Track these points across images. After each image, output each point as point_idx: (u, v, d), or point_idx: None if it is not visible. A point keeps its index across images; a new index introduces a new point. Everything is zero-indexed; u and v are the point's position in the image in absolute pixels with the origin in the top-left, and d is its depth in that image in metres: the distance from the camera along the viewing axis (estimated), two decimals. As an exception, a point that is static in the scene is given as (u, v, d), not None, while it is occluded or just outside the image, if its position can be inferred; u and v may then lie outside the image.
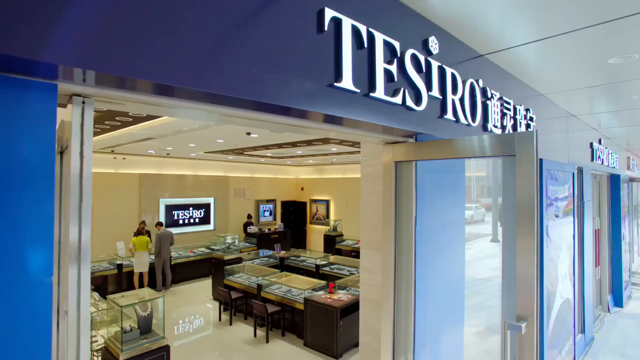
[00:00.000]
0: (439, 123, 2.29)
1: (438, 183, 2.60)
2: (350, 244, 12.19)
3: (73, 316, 1.17)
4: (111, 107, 1.30)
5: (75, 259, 1.16)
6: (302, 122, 1.68)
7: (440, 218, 2.62)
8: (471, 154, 2.03)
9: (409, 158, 2.35)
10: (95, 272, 8.32)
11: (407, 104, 1.95)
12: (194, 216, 11.95)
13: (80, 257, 1.17)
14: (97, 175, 9.65)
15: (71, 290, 1.16)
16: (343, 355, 5.82)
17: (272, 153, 9.63)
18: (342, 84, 1.59)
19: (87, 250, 1.18)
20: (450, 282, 2.76)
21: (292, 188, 15.69)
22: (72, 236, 1.15)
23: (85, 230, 1.17)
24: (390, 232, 2.45)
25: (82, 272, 1.17)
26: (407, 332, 2.48)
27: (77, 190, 1.16)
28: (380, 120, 1.84)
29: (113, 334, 4.11)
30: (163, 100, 1.31)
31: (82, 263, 1.17)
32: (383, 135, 2.19)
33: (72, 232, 1.15)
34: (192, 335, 6.89)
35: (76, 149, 1.15)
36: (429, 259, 2.50)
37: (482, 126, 2.70)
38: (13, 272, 0.97)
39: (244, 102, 1.36)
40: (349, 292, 6.50)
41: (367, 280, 2.86)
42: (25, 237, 0.98)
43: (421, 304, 2.43)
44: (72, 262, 1.15)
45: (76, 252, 1.16)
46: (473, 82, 2.53)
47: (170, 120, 4.73)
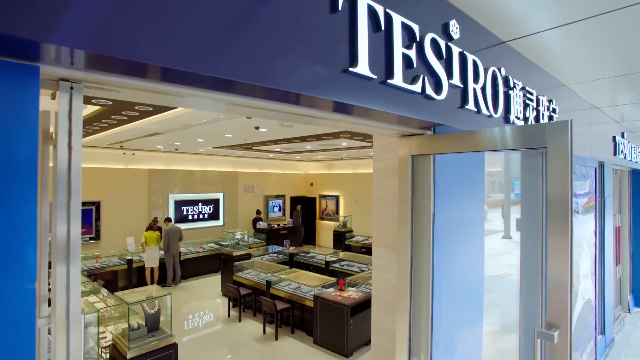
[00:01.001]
0: (460, 114, 2.13)
1: (457, 178, 2.45)
2: (360, 240, 12.05)
3: (62, 321, 1.06)
4: (103, 94, 1.18)
5: (64, 259, 1.05)
6: (314, 112, 1.54)
7: (458, 215, 2.47)
8: (496, 147, 1.87)
9: (427, 151, 2.20)
10: (105, 267, 8.34)
11: (427, 92, 1.80)
12: (203, 212, 11.93)
13: (69, 258, 1.05)
14: (107, 170, 9.67)
15: (59, 293, 1.05)
16: (353, 354, 5.72)
17: (281, 148, 9.51)
18: (358, 70, 1.45)
19: (76, 250, 1.06)
20: (468, 283, 2.62)
21: (301, 183, 15.59)
22: (60, 235, 1.04)
23: (74, 228, 1.06)
24: (406, 230, 2.31)
25: (72, 273, 1.06)
26: (424, 334, 2.36)
27: (65, 185, 1.04)
28: (398, 109, 1.69)
29: (121, 331, 4.05)
30: (163, 87, 1.19)
31: (71, 264, 1.06)
32: (399, 126, 2.04)
33: (59, 230, 1.04)
34: (201, 331, 6.86)
35: (63, 140, 1.04)
36: (447, 258, 2.37)
37: (504, 118, 2.53)
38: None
39: (251, 88, 1.23)
40: (359, 290, 6.38)
41: (379, 278, 2.75)
42: (2, 240, 0.87)
43: (439, 304, 2.31)
44: (60, 263, 1.04)
45: (64, 253, 1.05)
46: (495, 70, 2.36)
47: (178, 114, 4.64)
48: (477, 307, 2.74)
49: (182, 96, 1.28)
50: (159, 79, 1.14)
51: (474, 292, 2.69)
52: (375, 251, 2.76)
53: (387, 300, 2.70)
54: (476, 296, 2.72)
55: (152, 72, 1.09)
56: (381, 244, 2.74)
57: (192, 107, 1.51)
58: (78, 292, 1.09)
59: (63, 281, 1.06)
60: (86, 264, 8.29)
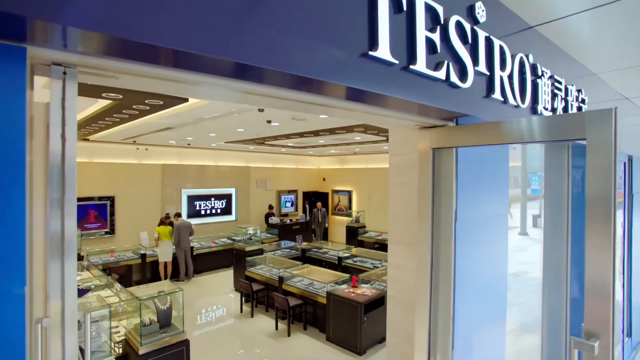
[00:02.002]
0: (485, 104, 1.98)
1: (479, 173, 2.31)
2: (373, 236, 11.91)
3: (56, 323, 0.97)
4: (100, 81, 1.08)
5: (58, 258, 0.96)
6: (329, 101, 1.43)
7: (481, 212, 2.33)
8: (527, 139, 1.72)
9: (449, 144, 2.07)
10: (120, 261, 8.42)
11: (452, 80, 1.66)
12: (216, 207, 11.95)
13: (64, 258, 0.97)
14: (121, 165, 9.73)
15: (53, 294, 0.96)
16: (367, 352, 5.62)
17: (294, 143, 9.41)
18: (378, 54, 1.32)
19: (71, 249, 0.98)
20: (491, 283, 2.49)
21: (313, 178, 15.49)
22: (53, 233, 0.95)
23: (68, 225, 0.97)
24: (426, 227, 2.19)
25: (66, 272, 0.97)
26: (444, 336, 2.24)
27: (58, 180, 0.95)
28: (421, 98, 1.56)
29: (133, 327, 4.03)
30: (169, 73, 1.09)
31: (65, 263, 0.97)
32: (419, 117, 1.91)
33: (53, 227, 0.95)
34: (213, 326, 6.86)
35: (56, 131, 0.95)
36: (470, 256, 2.25)
37: (531, 108, 2.37)
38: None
39: (264, 74, 1.12)
40: (373, 287, 6.27)
41: (395, 277, 2.65)
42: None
43: (460, 304, 2.19)
44: (54, 263, 0.96)
45: (59, 252, 0.96)
46: (523, 57, 2.19)
47: (190, 108, 4.57)
48: (499, 308, 2.61)
49: (189, 84, 1.18)
50: (164, 63, 1.04)
51: (496, 292, 2.56)
52: (391, 249, 2.67)
53: (403, 299, 2.61)
54: (499, 296, 2.58)
55: (156, 55, 0.98)
56: (397, 241, 2.64)
57: (201, 97, 1.41)
58: (74, 292, 1.01)
59: (57, 282, 0.97)
60: (101, 257, 8.38)
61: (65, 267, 0.97)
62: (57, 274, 0.97)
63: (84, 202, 9.03)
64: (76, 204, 0.99)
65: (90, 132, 6.74)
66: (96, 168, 9.33)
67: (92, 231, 9.18)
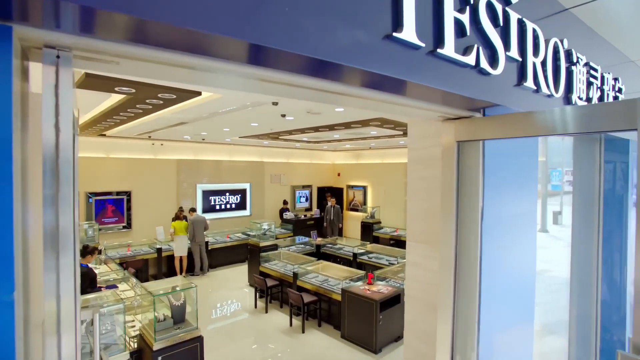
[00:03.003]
0: (515, 92, 1.83)
1: (507, 168, 2.16)
2: (388, 232, 11.73)
3: (51, 325, 0.90)
4: (98, 67, 0.99)
5: (52, 256, 0.88)
6: (348, 89, 1.31)
7: (509, 209, 2.19)
8: (565, 130, 1.57)
9: (476, 137, 1.92)
10: (136, 255, 8.51)
11: (481, 65, 1.52)
12: (230, 202, 11.98)
13: (59, 262, 0.89)
14: (137, 161, 9.82)
15: (48, 295, 0.88)
16: (382, 350, 5.52)
17: (308, 137, 9.30)
18: (403, 35, 1.20)
19: (67, 249, 0.90)
20: (518, 283, 2.35)
21: (328, 173, 15.37)
22: (48, 232, 0.87)
23: (64, 220, 0.89)
24: (450, 225, 2.06)
25: (61, 272, 0.89)
26: (469, 338, 2.13)
27: (52, 174, 0.87)
28: (448, 85, 1.42)
29: (147, 322, 4.02)
30: (175, 58, 0.99)
31: (61, 262, 0.89)
32: (444, 107, 1.77)
33: (47, 226, 0.87)
34: (227, 321, 6.86)
35: (49, 121, 0.86)
36: (496, 256, 2.12)
37: (565, 98, 2.19)
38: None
39: (279, 57, 1.01)
40: (388, 284, 6.14)
41: (413, 276, 2.55)
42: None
43: (486, 307, 2.06)
44: (49, 261, 0.88)
45: (54, 252, 0.88)
46: (557, 42, 2.02)
47: (203, 102, 4.51)
48: (527, 310, 2.46)
49: (199, 70, 1.08)
50: (171, 45, 0.94)
51: (524, 293, 2.42)
52: (410, 246, 2.57)
53: (422, 299, 2.50)
54: (526, 298, 2.44)
55: (162, 36, 0.88)
56: (416, 239, 2.54)
57: (211, 85, 1.30)
58: (71, 290, 0.93)
59: (53, 282, 0.89)
60: (118, 252, 8.48)
61: (60, 266, 0.89)
62: (52, 273, 0.89)
63: (101, 197, 9.16)
64: (72, 199, 0.90)
65: (106, 127, 6.78)
66: (113, 163, 9.43)
67: (110, 225, 9.31)
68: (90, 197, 9.01)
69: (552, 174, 15.12)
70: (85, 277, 4.90)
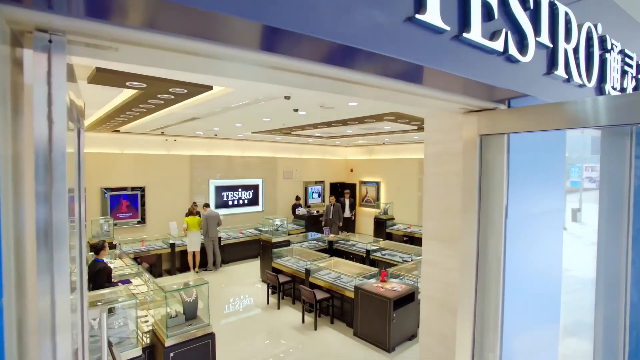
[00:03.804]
0: (545, 82, 1.70)
1: (533, 163, 2.04)
2: (401, 229, 11.58)
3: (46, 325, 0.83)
4: (95, 53, 0.92)
5: (46, 253, 0.81)
6: (364, 77, 1.21)
7: (534, 207, 2.06)
8: (597, 122, 1.44)
9: (500, 130, 1.80)
10: (150, 250, 8.58)
11: (510, 52, 1.40)
12: (243, 197, 12.00)
13: (53, 266, 0.82)
14: (151, 156, 9.90)
15: (42, 296, 0.82)
16: (396, 349, 5.43)
17: (321, 133, 9.20)
18: (426, 18, 1.09)
19: (61, 242, 0.83)
20: (544, 286, 2.23)
21: (341, 169, 15.26)
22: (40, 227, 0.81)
23: (57, 219, 0.82)
24: (472, 223, 1.96)
25: (55, 270, 0.83)
26: (491, 342, 2.03)
27: (44, 170, 0.80)
28: (473, 73, 1.31)
29: (160, 318, 4.02)
30: (180, 43, 0.91)
31: (55, 259, 0.82)
32: (466, 98, 1.65)
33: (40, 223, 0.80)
34: (240, 317, 6.86)
35: (41, 111, 0.79)
36: (520, 256, 2.01)
37: (597, 88, 2.04)
38: None
39: (288, 39, 0.92)
40: (402, 282, 6.03)
41: (429, 275, 2.47)
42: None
43: (509, 309, 1.96)
44: (42, 259, 0.81)
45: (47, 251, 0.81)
46: (590, 27, 1.88)
47: (215, 97, 4.46)
48: (552, 312, 2.35)
49: (207, 57, 0.99)
50: (176, 28, 0.86)
51: (549, 295, 2.30)
52: (426, 244, 2.48)
53: (438, 299, 2.41)
54: (552, 299, 2.32)
55: (167, 17, 0.80)
56: (432, 237, 2.45)
57: (219, 74, 1.21)
58: (66, 289, 0.86)
59: (47, 281, 0.83)
60: (133, 246, 8.57)
61: (55, 263, 0.83)
62: (46, 274, 0.82)
63: (116, 192, 9.26)
64: (67, 196, 0.83)
65: (119, 123, 6.81)
66: (127, 159, 9.52)
67: (125, 220, 9.41)
68: (105, 192, 9.12)
69: (571, 170, 14.70)
70: (103, 272, 4.90)
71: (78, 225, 1.58)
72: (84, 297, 1.62)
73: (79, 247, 1.57)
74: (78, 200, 1.55)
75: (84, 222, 1.65)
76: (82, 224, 1.63)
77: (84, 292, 1.63)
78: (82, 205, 1.61)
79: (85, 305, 1.61)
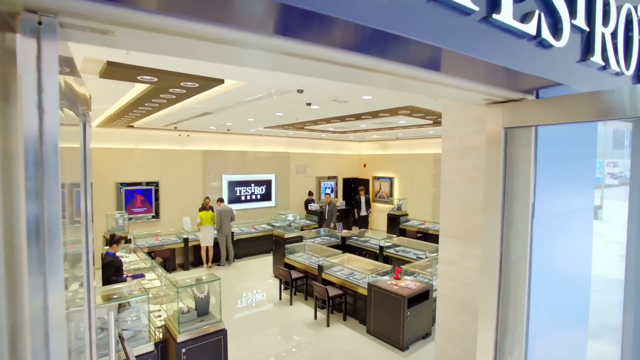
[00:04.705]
0: (579, 70, 1.56)
1: (561, 158, 1.90)
2: (415, 225, 11.41)
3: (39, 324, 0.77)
4: (90, 39, 0.84)
5: (37, 252, 0.75)
6: (380, 63, 1.10)
7: (564, 205, 1.93)
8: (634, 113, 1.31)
9: (528, 122, 1.68)
10: (164, 245, 8.65)
11: (543, 36, 1.28)
12: (256, 192, 12.00)
13: (46, 270, 0.75)
14: (165, 152, 9.96)
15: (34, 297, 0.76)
16: (409, 348, 5.33)
17: (334, 127, 9.09)
18: (453, -5, 0.98)
19: (54, 240, 0.76)
20: (572, 288, 2.10)
21: (354, 164, 15.13)
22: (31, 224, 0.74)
23: (50, 212, 0.75)
24: (495, 221, 1.85)
25: (48, 266, 0.76)
26: (516, 347, 1.92)
27: (34, 164, 0.73)
28: (501, 59, 1.20)
29: (172, 313, 4.01)
30: (184, 26, 0.83)
31: (47, 256, 0.76)
32: (491, 88, 1.53)
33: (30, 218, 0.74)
34: (252, 312, 6.86)
35: (30, 99, 0.72)
36: (547, 257, 1.88)
37: (636, 75, 1.89)
38: None
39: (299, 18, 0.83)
40: (416, 279, 5.91)
41: (446, 274, 2.38)
42: None
43: (535, 312, 1.85)
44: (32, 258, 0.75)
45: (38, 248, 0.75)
46: (630, 9, 1.72)
47: (226, 90, 4.41)
48: (581, 316, 2.22)
49: (212, 41, 0.91)
50: (180, 9, 0.78)
51: (578, 297, 2.17)
52: (443, 242, 2.38)
53: (455, 299, 2.32)
54: (581, 302, 2.19)
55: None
56: (450, 235, 2.36)
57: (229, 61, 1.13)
58: (60, 285, 0.80)
59: (40, 278, 0.76)
60: (147, 241, 8.66)
61: (47, 262, 0.76)
62: (37, 270, 0.76)
63: (131, 187, 9.36)
64: (60, 192, 0.77)
65: (133, 118, 6.84)
66: (142, 154, 9.60)
67: (139, 215, 9.52)
68: (121, 187, 9.22)
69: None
70: (111, 265, 4.99)
71: (85, 221, 1.53)
72: (91, 294, 1.57)
73: (85, 243, 1.52)
74: (84, 195, 1.50)
75: (90, 217, 1.61)
76: (89, 220, 1.58)
77: (91, 289, 1.58)
78: (89, 200, 1.56)
79: (92, 302, 1.57)
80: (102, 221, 8.56)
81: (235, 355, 4.91)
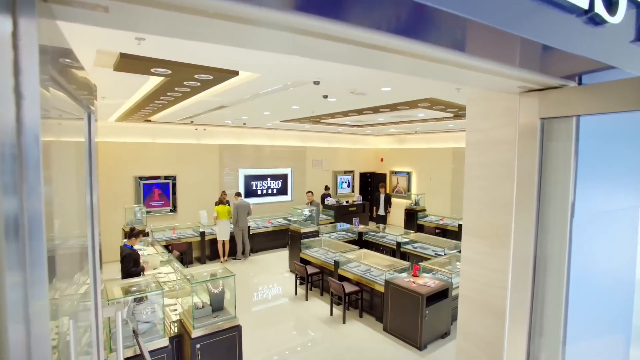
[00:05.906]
0: (634, 50, 1.38)
1: (605, 151, 1.73)
2: (433, 220, 11.16)
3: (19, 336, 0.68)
4: (77, 16, 0.74)
5: (14, 253, 0.66)
6: (405, 43, 0.97)
7: (606, 204, 1.76)
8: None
9: (569, 112, 1.52)
10: (181, 238, 8.72)
11: (596, 10, 1.11)
12: (272, 187, 11.98)
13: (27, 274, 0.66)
14: (181, 146, 10.02)
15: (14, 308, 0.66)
16: (427, 347, 5.19)
17: (351, 121, 8.92)
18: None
19: (35, 238, 0.67)
20: (614, 293, 1.93)
21: (371, 159, 14.92)
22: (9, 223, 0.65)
23: (31, 212, 0.66)
24: (529, 220, 1.71)
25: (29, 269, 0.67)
26: (551, 355, 1.78)
27: (12, 158, 0.64)
28: (548, 38, 1.04)
29: (187, 308, 3.99)
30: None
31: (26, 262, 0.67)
32: (527, 73, 1.38)
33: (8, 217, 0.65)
34: (267, 306, 6.84)
35: (5, 82, 0.62)
36: (588, 259, 1.73)
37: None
38: None
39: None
40: (435, 277, 5.75)
41: (469, 274, 2.25)
42: None
43: (573, 319, 1.70)
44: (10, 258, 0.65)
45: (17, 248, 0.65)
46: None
47: (241, 83, 4.32)
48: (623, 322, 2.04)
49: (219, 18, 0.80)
50: None
51: (620, 305, 2.00)
52: (466, 241, 2.23)
53: (478, 300, 2.18)
54: (623, 308, 2.02)
55: None
56: (474, 233, 2.23)
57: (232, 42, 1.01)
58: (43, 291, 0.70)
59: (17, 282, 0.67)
60: (165, 234, 8.74)
61: (27, 261, 0.67)
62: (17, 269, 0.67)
63: (149, 181, 9.46)
64: (43, 188, 0.67)
65: (149, 112, 6.85)
66: (159, 148, 9.68)
67: (157, 208, 9.62)
68: (140, 181, 9.34)
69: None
70: (130, 258, 5.07)
71: (90, 217, 1.46)
72: (97, 292, 1.51)
73: (91, 238, 1.45)
74: (90, 190, 1.43)
75: (97, 212, 1.54)
76: (95, 215, 1.52)
77: (97, 286, 1.52)
78: (95, 195, 1.49)
79: (98, 299, 1.51)
80: (121, 214, 8.67)
81: (250, 348, 4.88)
